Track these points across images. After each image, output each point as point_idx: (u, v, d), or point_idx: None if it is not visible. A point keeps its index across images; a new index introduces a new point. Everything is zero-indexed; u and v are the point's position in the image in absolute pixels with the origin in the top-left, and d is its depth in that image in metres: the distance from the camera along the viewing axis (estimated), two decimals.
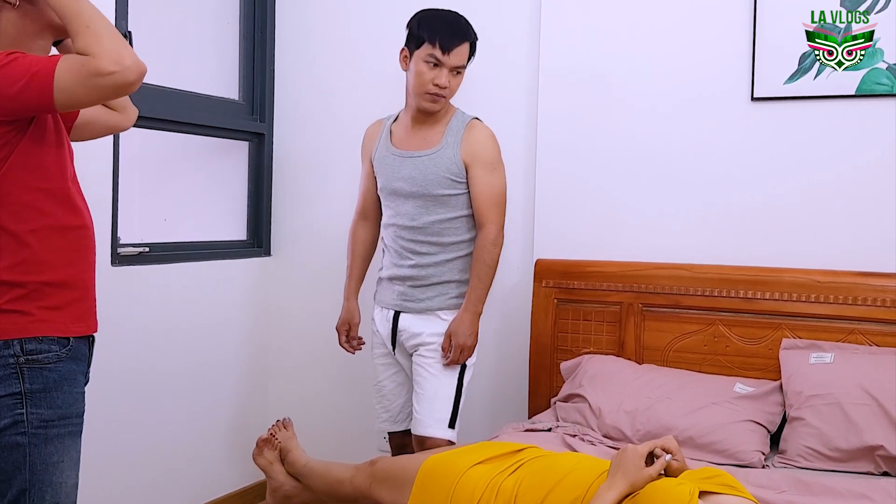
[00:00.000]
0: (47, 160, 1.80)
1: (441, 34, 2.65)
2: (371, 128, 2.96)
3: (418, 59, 2.68)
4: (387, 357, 2.88)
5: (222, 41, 3.57)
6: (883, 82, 2.76)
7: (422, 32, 2.67)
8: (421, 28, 2.68)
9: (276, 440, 2.71)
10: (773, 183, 2.91)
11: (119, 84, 1.69)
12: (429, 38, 2.65)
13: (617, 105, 3.10)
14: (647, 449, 1.91)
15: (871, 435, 2.42)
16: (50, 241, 1.80)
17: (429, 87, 2.67)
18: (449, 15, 2.74)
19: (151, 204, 3.32)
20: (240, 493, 3.48)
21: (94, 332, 1.92)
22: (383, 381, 2.90)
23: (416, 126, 2.80)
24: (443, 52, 2.64)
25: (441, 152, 2.72)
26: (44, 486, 1.78)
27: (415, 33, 2.70)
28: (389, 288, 2.83)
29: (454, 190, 2.72)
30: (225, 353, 3.41)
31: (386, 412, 2.90)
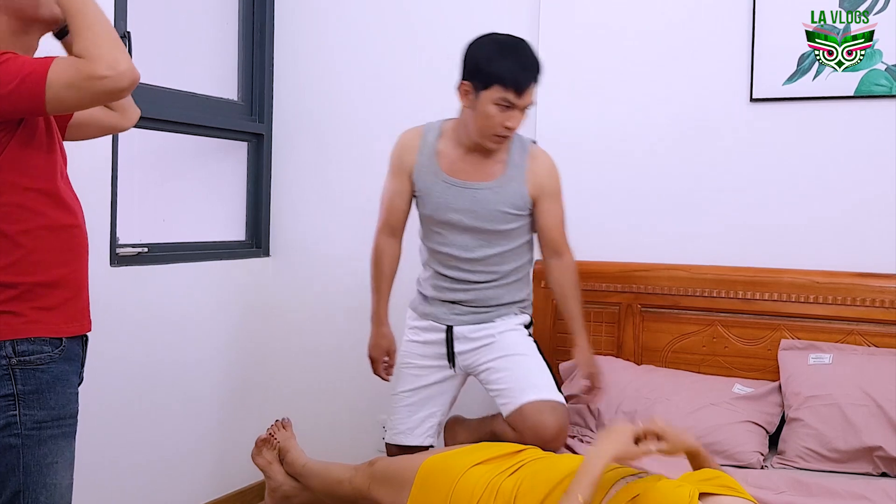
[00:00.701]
0: (38, 161, 1.78)
1: (515, 75, 2.40)
2: (408, 138, 2.67)
3: (487, 100, 2.42)
4: (427, 370, 2.71)
5: (221, 41, 3.57)
6: (881, 83, 2.76)
7: (492, 72, 2.40)
8: (491, 66, 2.41)
9: (274, 440, 2.71)
10: (771, 183, 2.92)
11: (110, 89, 1.68)
12: (500, 79, 2.39)
13: (615, 106, 3.10)
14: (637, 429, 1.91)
15: (869, 436, 2.42)
16: (42, 242, 1.78)
17: (498, 129, 2.46)
18: (518, 47, 2.47)
19: (150, 204, 3.31)
20: (238, 494, 3.48)
21: (88, 331, 1.91)
22: (408, 393, 2.72)
23: (471, 154, 2.57)
24: (517, 95, 2.41)
25: (505, 186, 2.56)
26: (38, 487, 1.77)
27: (483, 70, 2.42)
28: (440, 305, 2.69)
29: (517, 223, 2.60)
30: (224, 353, 3.41)
31: (401, 424, 2.71)
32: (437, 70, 3.37)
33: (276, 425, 2.79)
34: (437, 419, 2.73)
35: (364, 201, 3.50)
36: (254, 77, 3.62)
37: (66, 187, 1.86)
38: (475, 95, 2.45)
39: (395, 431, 2.73)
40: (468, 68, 2.48)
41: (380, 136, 3.46)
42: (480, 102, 2.44)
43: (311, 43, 3.60)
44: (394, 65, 3.46)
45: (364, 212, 3.50)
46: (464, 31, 3.30)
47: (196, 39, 3.51)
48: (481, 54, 2.46)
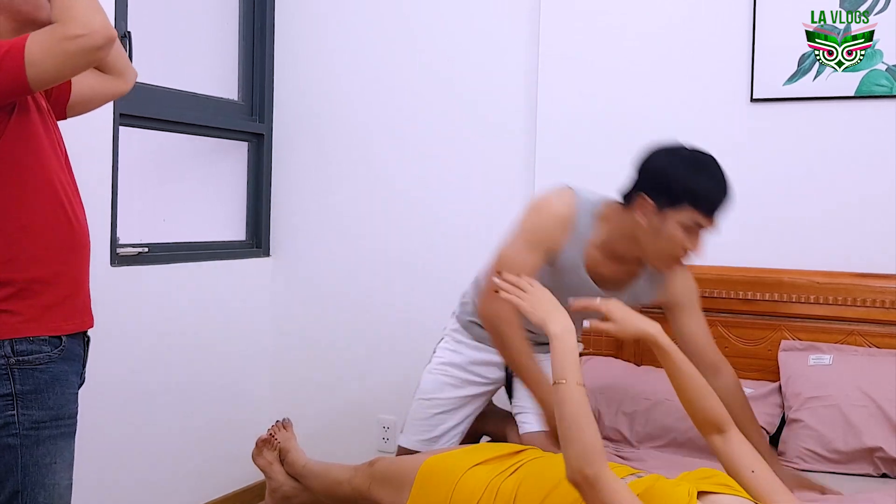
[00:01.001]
0: (34, 155, 1.78)
1: (712, 196, 2.17)
2: (560, 217, 2.32)
3: (673, 221, 2.17)
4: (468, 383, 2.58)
5: (222, 41, 3.57)
6: (882, 83, 2.76)
7: (685, 190, 2.16)
8: (684, 184, 2.17)
9: (275, 440, 2.71)
10: (771, 184, 2.91)
11: (86, 48, 1.66)
12: (694, 199, 2.15)
13: (616, 106, 3.10)
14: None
15: (870, 437, 2.41)
16: (39, 238, 1.78)
17: (679, 252, 2.23)
18: (711, 165, 2.22)
19: (150, 204, 3.32)
20: (239, 494, 3.48)
21: (89, 327, 1.91)
22: (442, 400, 2.57)
23: (614, 263, 2.34)
24: (709, 218, 2.18)
25: (635, 294, 2.38)
26: (36, 487, 1.77)
27: (673, 188, 2.17)
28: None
29: None
30: (224, 353, 3.41)
31: (428, 432, 2.57)
32: (437, 71, 3.37)
33: (276, 426, 2.78)
34: (463, 427, 2.61)
35: (364, 201, 3.51)
36: (254, 77, 3.62)
37: (66, 180, 1.85)
38: (659, 214, 2.19)
39: (419, 438, 2.59)
40: (653, 183, 2.22)
41: (380, 136, 3.47)
42: (666, 222, 2.19)
43: (312, 43, 3.60)
44: (394, 65, 3.46)
45: (364, 212, 3.51)
46: (463, 33, 3.32)
47: (196, 39, 3.51)
48: (671, 169, 2.20)
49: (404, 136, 3.43)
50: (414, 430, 2.60)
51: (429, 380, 2.61)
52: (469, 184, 3.32)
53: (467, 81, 3.32)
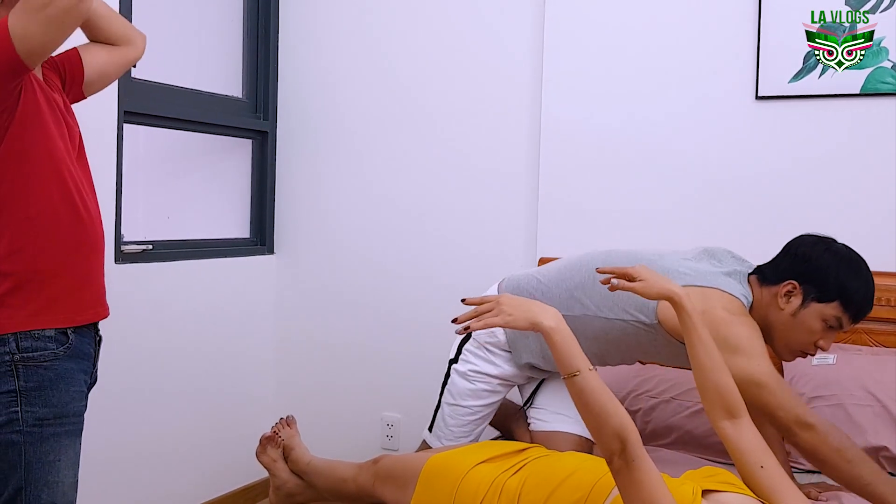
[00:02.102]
0: (42, 144, 1.77)
1: (865, 302, 2.18)
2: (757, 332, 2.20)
3: (817, 314, 2.17)
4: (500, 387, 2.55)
5: (226, 39, 3.57)
6: (887, 81, 2.75)
7: (842, 288, 2.16)
8: (842, 282, 2.16)
9: (279, 438, 2.71)
10: (777, 182, 2.91)
11: (65, 7, 1.65)
12: (847, 300, 2.15)
13: (620, 104, 3.10)
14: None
15: (874, 436, 2.41)
16: (46, 230, 1.78)
17: (810, 347, 2.21)
18: (869, 273, 2.22)
19: (155, 202, 3.32)
20: (243, 491, 3.49)
21: (102, 318, 1.91)
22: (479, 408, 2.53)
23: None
24: (853, 322, 2.19)
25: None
26: (40, 484, 1.77)
27: (828, 284, 2.16)
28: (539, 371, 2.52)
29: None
30: (228, 350, 3.41)
31: (466, 437, 2.55)
32: (444, 69, 3.37)
33: (280, 423, 2.79)
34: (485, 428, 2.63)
35: (368, 199, 3.51)
36: (258, 74, 3.62)
37: (77, 174, 1.84)
38: (803, 303, 2.19)
39: (455, 444, 2.51)
40: (807, 272, 2.20)
41: (384, 134, 3.47)
42: (808, 313, 2.18)
43: (316, 40, 3.60)
44: (398, 63, 3.46)
45: (368, 209, 3.51)
46: (468, 29, 3.31)
47: (201, 37, 3.52)
48: (831, 265, 2.18)
49: (409, 133, 3.43)
50: (451, 436, 2.55)
51: (466, 387, 2.53)
52: (474, 181, 3.32)
53: (472, 77, 3.32)
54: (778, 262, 2.28)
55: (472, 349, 2.55)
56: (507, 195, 3.25)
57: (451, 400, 2.55)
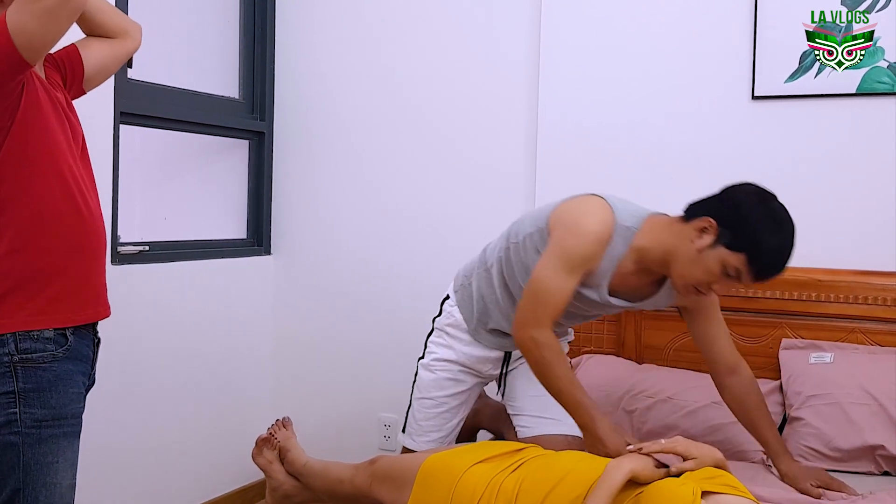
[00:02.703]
0: (45, 143, 1.77)
1: (773, 263, 2.13)
2: (603, 235, 2.22)
3: (721, 258, 2.11)
4: (466, 374, 2.54)
5: (222, 39, 3.57)
6: (884, 81, 2.75)
7: (754, 241, 2.10)
8: (757, 235, 2.10)
9: (275, 439, 2.70)
10: (773, 181, 2.87)
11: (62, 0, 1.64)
12: (752, 256, 2.10)
13: (617, 103, 3.10)
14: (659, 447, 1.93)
15: (871, 435, 2.41)
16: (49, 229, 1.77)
17: (703, 288, 2.18)
18: (788, 236, 2.15)
19: (151, 203, 3.32)
20: (240, 492, 3.48)
21: (103, 317, 1.91)
22: (445, 399, 2.52)
23: (641, 275, 2.28)
24: (753, 280, 2.15)
25: (653, 302, 2.36)
26: (38, 486, 1.76)
27: (744, 231, 2.11)
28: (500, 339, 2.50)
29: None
30: (225, 351, 3.41)
31: (437, 431, 2.52)
32: (438, 68, 3.37)
33: (276, 424, 2.78)
34: (462, 424, 2.60)
35: (365, 199, 3.51)
36: (255, 75, 3.62)
37: (79, 173, 1.84)
38: (714, 243, 2.13)
39: (427, 440, 2.55)
40: (728, 214, 2.14)
41: (381, 134, 3.47)
42: (713, 255, 2.12)
43: (312, 40, 3.60)
44: (395, 63, 3.45)
45: (365, 210, 3.51)
46: (465, 30, 3.31)
47: (197, 37, 3.51)
48: (753, 215, 2.12)
49: (405, 134, 3.43)
50: (421, 431, 2.56)
51: (429, 378, 2.57)
52: (470, 180, 3.32)
53: (469, 79, 3.32)
54: (709, 200, 2.23)
55: (433, 339, 2.59)
56: (504, 196, 3.25)
57: (418, 394, 2.57)
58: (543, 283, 2.22)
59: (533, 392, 2.46)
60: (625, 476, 1.83)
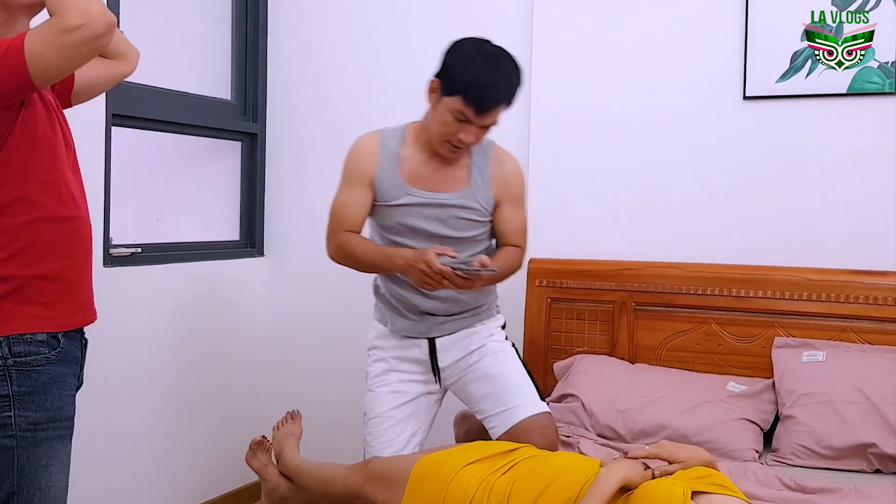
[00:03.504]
0: (40, 152, 1.77)
1: (481, 93, 2.25)
2: (366, 145, 2.47)
3: (447, 107, 2.29)
4: (406, 384, 2.56)
5: (215, 41, 3.56)
6: (874, 81, 2.76)
7: (460, 80, 2.26)
8: (462, 74, 2.27)
9: (268, 442, 2.71)
10: (765, 181, 2.92)
11: (88, 38, 1.62)
12: (464, 93, 2.25)
13: (609, 104, 3.10)
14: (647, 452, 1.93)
15: (863, 433, 2.42)
16: (42, 234, 1.78)
17: (452, 139, 2.33)
18: (499, 63, 2.30)
19: (144, 204, 3.31)
20: (233, 494, 3.48)
21: (91, 322, 1.91)
22: (389, 412, 2.54)
23: (435, 161, 2.44)
24: (476, 114, 2.27)
25: (471, 195, 2.45)
26: (32, 489, 1.77)
27: (453, 75, 2.28)
28: (411, 320, 2.54)
29: (483, 228, 2.50)
30: (218, 353, 3.40)
31: (388, 447, 2.51)
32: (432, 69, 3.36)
33: (286, 417, 2.80)
34: (420, 437, 2.58)
35: None
36: (247, 77, 3.62)
37: (69, 176, 1.84)
38: (439, 97, 2.32)
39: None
40: (443, 66, 2.33)
41: None
42: (441, 106, 2.31)
43: (305, 42, 3.60)
44: (387, 64, 3.46)
45: None
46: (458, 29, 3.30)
47: (189, 39, 3.51)
48: (458, 57, 2.31)
49: None
50: (373, 451, 2.54)
51: (369, 398, 2.60)
52: None
53: None
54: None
55: (369, 363, 2.64)
56: None
57: (366, 418, 2.60)
58: (336, 207, 2.49)
59: (486, 390, 2.51)
60: (617, 483, 1.83)
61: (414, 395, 2.57)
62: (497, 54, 2.32)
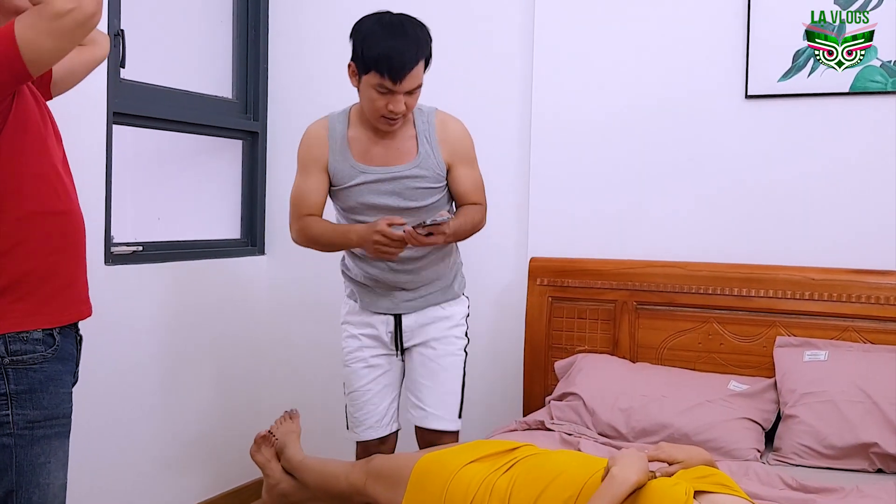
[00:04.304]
0: (32, 146, 1.77)
1: (390, 62, 2.35)
2: (314, 132, 2.59)
3: (368, 84, 2.40)
4: (378, 359, 2.69)
5: (215, 39, 3.56)
6: (877, 80, 2.76)
7: (369, 57, 2.37)
8: (368, 52, 2.37)
9: (273, 437, 2.71)
10: (767, 181, 2.91)
11: (80, 20, 1.64)
12: (375, 66, 2.36)
13: (611, 103, 3.10)
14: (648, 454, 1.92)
15: (865, 432, 2.42)
16: (35, 229, 1.77)
17: (384, 112, 2.43)
18: (397, 30, 2.40)
19: (145, 203, 3.31)
20: (234, 492, 3.48)
21: (86, 316, 1.91)
22: (367, 385, 2.68)
23: (380, 136, 2.54)
24: (394, 83, 2.37)
25: (423, 163, 2.54)
26: (31, 487, 1.76)
27: (362, 54, 2.39)
28: (380, 296, 2.65)
29: (439, 195, 2.59)
30: (219, 351, 3.40)
31: (370, 417, 2.68)
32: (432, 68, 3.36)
33: (283, 416, 2.79)
34: (396, 403, 2.75)
35: None
36: (248, 75, 3.61)
37: (60, 170, 1.84)
38: (359, 78, 2.44)
39: (365, 427, 2.70)
40: (353, 48, 2.43)
41: None
42: (363, 85, 2.43)
43: (305, 40, 3.60)
44: None
45: None
46: (457, 28, 3.31)
47: (190, 37, 3.50)
48: (362, 36, 2.42)
49: None
50: (357, 423, 2.71)
51: (347, 373, 2.73)
52: None
53: (461, 76, 3.32)
54: None
55: (343, 339, 2.74)
56: (498, 195, 3.23)
57: (346, 392, 2.74)
58: (295, 195, 2.61)
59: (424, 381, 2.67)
60: (629, 488, 1.81)
61: (386, 367, 2.71)
62: (397, 21, 2.43)
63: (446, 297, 2.69)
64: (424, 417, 2.67)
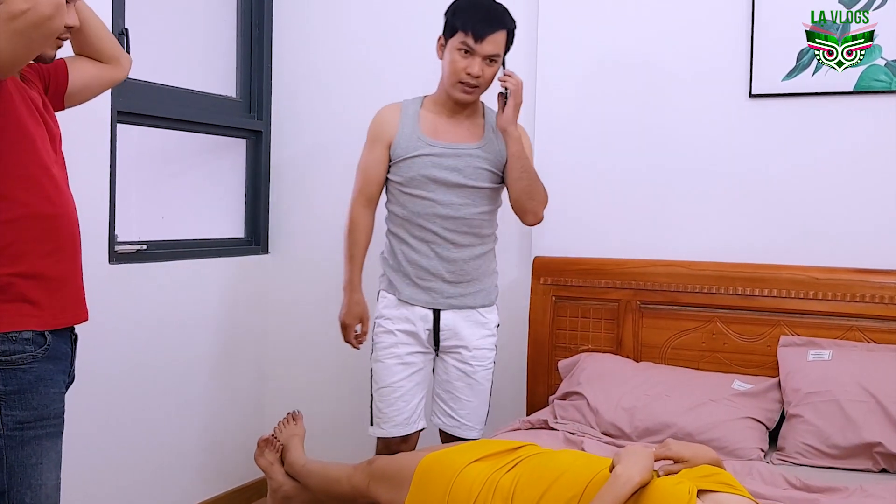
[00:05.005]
0: (20, 145, 1.75)
1: (474, 21, 2.58)
2: (387, 112, 2.79)
3: (452, 48, 2.62)
4: (413, 356, 2.73)
5: (220, 38, 3.56)
6: (881, 79, 2.75)
7: (455, 20, 2.62)
8: (455, 16, 2.63)
9: (276, 441, 2.71)
10: (770, 180, 2.91)
11: (35, 21, 1.61)
12: (461, 26, 2.59)
13: (615, 102, 3.10)
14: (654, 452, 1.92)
15: (869, 432, 2.42)
16: (24, 232, 1.76)
17: (462, 75, 2.61)
18: (485, 2, 2.67)
19: (149, 202, 3.31)
20: (235, 492, 3.48)
21: (81, 321, 1.89)
22: (400, 382, 2.72)
23: (453, 118, 2.73)
24: (475, 41, 2.58)
25: (488, 146, 2.71)
26: (23, 488, 1.75)
27: (449, 22, 2.64)
28: (421, 285, 2.71)
29: (497, 183, 2.73)
30: (223, 351, 3.41)
31: (399, 415, 2.72)
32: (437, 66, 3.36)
33: (287, 418, 2.79)
34: (424, 402, 2.79)
35: None
36: (252, 74, 3.61)
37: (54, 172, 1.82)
38: (445, 46, 2.65)
39: (393, 424, 2.73)
40: (444, 25, 2.67)
41: None
42: (447, 51, 2.64)
43: (310, 39, 3.60)
44: (392, 61, 3.45)
45: None
46: None
47: (194, 36, 3.51)
48: (450, 9, 2.66)
49: None
50: (385, 419, 2.74)
51: (378, 368, 2.76)
52: None
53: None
54: None
55: (375, 332, 2.79)
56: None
57: (376, 387, 2.78)
58: (360, 166, 2.81)
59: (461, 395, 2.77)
60: (633, 488, 1.81)
61: (421, 365, 2.76)
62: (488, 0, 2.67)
63: (484, 302, 2.77)
64: (457, 427, 2.77)
